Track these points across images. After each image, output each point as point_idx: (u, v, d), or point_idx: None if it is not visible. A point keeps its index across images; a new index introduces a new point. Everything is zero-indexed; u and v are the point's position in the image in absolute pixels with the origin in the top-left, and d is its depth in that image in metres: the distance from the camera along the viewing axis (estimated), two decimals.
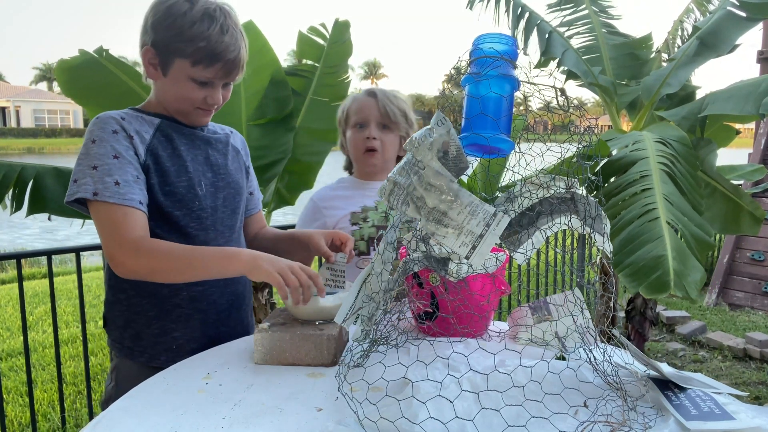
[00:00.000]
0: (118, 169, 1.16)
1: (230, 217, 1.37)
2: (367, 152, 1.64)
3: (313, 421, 0.87)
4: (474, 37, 0.99)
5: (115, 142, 1.18)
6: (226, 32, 1.21)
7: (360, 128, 1.64)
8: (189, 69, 1.21)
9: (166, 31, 1.20)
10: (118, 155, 1.17)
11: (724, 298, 5.23)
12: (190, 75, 1.22)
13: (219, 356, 1.15)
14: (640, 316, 3.48)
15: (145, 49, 1.23)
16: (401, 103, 1.66)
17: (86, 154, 1.18)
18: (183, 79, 1.22)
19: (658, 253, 1.89)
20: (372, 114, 1.63)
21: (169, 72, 1.23)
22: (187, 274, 1.17)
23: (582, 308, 1.02)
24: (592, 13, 3.56)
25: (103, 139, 1.18)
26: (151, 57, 1.23)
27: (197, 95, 1.25)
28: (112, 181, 1.15)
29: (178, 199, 1.25)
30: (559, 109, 0.95)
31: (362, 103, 1.65)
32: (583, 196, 0.94)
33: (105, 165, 1.16)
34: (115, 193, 1.15)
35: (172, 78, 1.23)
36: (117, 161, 1.17)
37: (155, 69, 1.25)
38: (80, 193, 1.15)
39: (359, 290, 0.99)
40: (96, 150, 1.17)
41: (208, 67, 1.21)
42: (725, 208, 2.80)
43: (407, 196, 0.87)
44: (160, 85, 1.27)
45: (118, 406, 0.94)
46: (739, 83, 2.71)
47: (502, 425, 0.80)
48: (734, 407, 0.86)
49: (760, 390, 3.43)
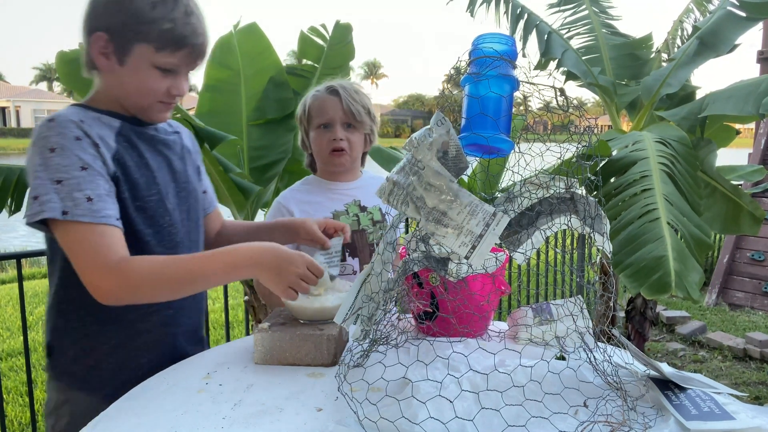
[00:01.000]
0: (89, 183, 1.01)
1: (195, 231, 1.26)
2: (334, 152, 1.59)
3: (313, 421, 0.87)
4: (474, 36, 0.99)
5: (80, 151, 1.02)
6: (191, 14, 1.09)
7: (325, 128, 1.59)
8: (152, 55, 1.07)
9: (123, 14, 1.06)
10: (86, 166, 1.02)
11: (724, 298, 5.23)
12: (153, 62, 1.08)
13: (219, 356, 1.15)
14: (640, 316, 3.48)
15: (96, 35, 1.07)
16: (364, 99, 1.60)
17: (45, 166, 1.00)
18: (145, 67, 1.09)
19: (658, 254, 1.89)
20: (336, 114, 1.57)
21: (128, 60, 1.08)
22: (186, 292, 1.08)
23: (582, 309, 1.02)
24: (592, 14, 3.56)
25: (64, 147, 1.01)
26: (103, 44, 1.08)
27: (160, 85, 1.11)
28: (82, 196, 1.00)
29: (150, 215, 1.13)
30: (559, 109, 0.95)
31: (325, 102, 1.59)
32: (583, 196, 0.94)
33: (72, 178, 1.00)
34: (88, 210, 0.99)
35: (132, 67, 1.09)
36: (85, 173, 1.01)
37: (107, 58, 1.09)
38: (46, 212, 0.98)
39: (359, 290, 0.99)
40: (58, 160, 1.00)
41: (175, 53, 1.09)
42: (725, 208, 2.80)
43: (407, 196, 0.87)
44: (114, 78, 1.11)
45: (118, 406, 0.94)
46: (739, 83, 2.71)
47: (502, 425, 0.80)
48: (734, 407, 0.86)
49: (760, 390, 3.43)
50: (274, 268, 1.05)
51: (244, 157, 3.30)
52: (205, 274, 1.05)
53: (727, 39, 2.86)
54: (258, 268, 1.06)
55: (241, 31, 3.42)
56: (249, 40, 3.40)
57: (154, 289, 1.03)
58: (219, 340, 4.09)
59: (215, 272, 1.05)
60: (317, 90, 1.63)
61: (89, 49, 1.10)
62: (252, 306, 3.08)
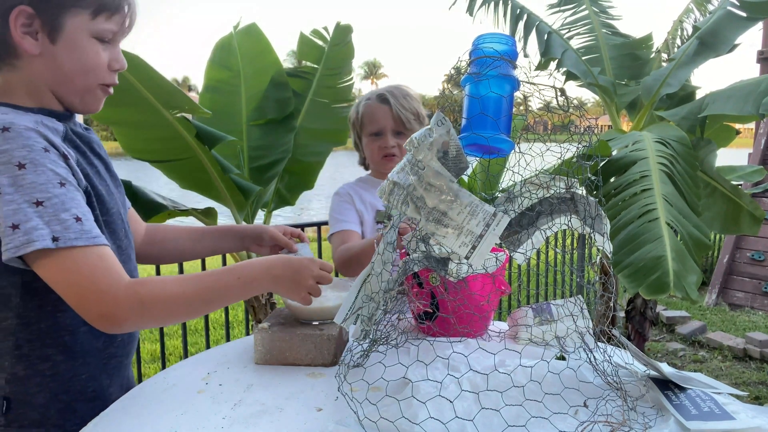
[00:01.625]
0: (71, 200, 0.87)
1: (131, 238, 1.13)
2: (385, 158, 1.67)
3: (313, 421, 0.87)
4: (474, 36, 1.00)
5: (52, 164, 0.87)
6: None
7: (376, 137, 1.67)
8: (89, 23, 0.93)
9: None
10: (64, 182, 0.88)
11: (724, 298, 5.23)
12: (91, 31, 0.94)
13: (219, 356, 1.15)
14: (640, 316, 3.48)
15: (17, 11, 0.89)
16: (413, 104, 1.67)
17: (16, 186, 0.84)
18: (83, 39, 0.94)
19: (657, 254, 1.89)
20: (387, 123, 1.64)
21: (61, 36, 0.92)
22: (201, 311, 1.00)
23: (582, 309, 1.02)
24: (592, 14, 3.56)
25: (35, 161, 0.85)
26: (27, 21, 0.91)
27: (102, 59, 0.97)
28: (70, 217, 0.86)
29: (113, 229, 1.01)
30: (559, 109, 0.95)
31: (376, 110, 1.66)
32: (583, 196, 0.94)
33: (53, 197, 0.85)
34: (80, 232, 0.86)
35: (68, 43, 0.93)
36: (65, 190, 0.87)
37: (35, 38, 0.92)
38: (37, 242, 0.82)
39: (359, 290, 0.99)
40: (32, 178, 0.85)
41: (114, 15, 0.95)
42: (725, 208, 2.80)
43: (407, 196, 0.87)
44: (45, 62, 0.94)
45: (118, 406, 0.94)
46: (739, 83, 2.71)
47: (502, 425, 0.80)
48: (734, 407, 0.86)
49: (760, 390, 3.43)
50: (290, 277, 1.02)
51: (244, 157, 3.30)
52: (221, 290, 0.97)
53: (727, 39, 2.86)
54: (274, 280, 1.02)
55: (241, 32, 3.42)
56: (249, 41, 3.41)
57: (171, 311, 0.94)
58: (219, 340, 4.09)
59: (232, 287, 0.97)
60: (368, 97, 1.70)
61: (7, 32, 0.91)
62: (252, 306, 3.08)
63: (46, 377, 0.98)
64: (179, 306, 0.93)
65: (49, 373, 0.98)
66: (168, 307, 0.92)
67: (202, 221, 3.00)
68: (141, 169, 3.15)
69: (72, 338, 0.98)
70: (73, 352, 0.99)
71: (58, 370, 0.98)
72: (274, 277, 1.01)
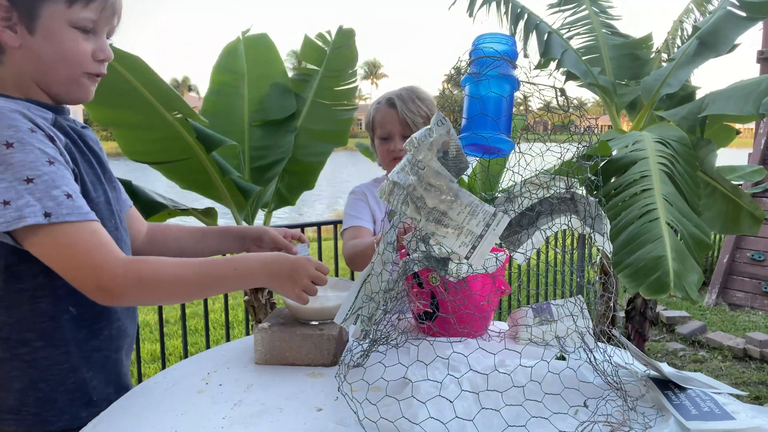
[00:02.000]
0: (61, 178, 0.89)
1: (126, 235, 1.13)
2: (394, 161, 1.68)
3: (313, 421, 0.87)
4: (474, 36, 1.00)
5: (39, 143, 0.89)
6: None
7: (385, 141, 1.68)
8: (65, 12, 0.94)
9: None
10: (53, 160, 0.90)
11: (724, 298, 5.23)
12: (69, 20, 0.94)
13: (219, 356, 1.15)
14: (640, 316, 3.48)
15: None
16: (421, 108, 1.67)
17: (5, 164, 0.86)
18: (61, 28, 0.94)
19: (657, 254, 1.89)
20: (394, 127, 1.65)
21: (38, 26, 0.93)
22: (195, 295, 1.01)
23: (582, 309, 1.02)
24: (592, 14, 3.56)
25: (23, 140, 0.87)
26: (5, 14, 0.92)
27: (84, 48, 0.97)
28: (61, 193, 0.88)
29: (100, 217, 0.99)
30: (559, 109, 0.95)
31: (384, 114, 1.67)
32: (583, 196, 0.94)
33: (43, 174, 0.87)
34: (72, 208, 0.88)
35: (46, 32, 0.94)
36: (54, 168, 0.89)
37: (13, 30, 0.93)
38: (29, 218, 0.85)
39: (359, 290, 0.99)
40: (20, 156, 0.86)
41: (90, 3, 0.95)
42: (725, 208, 2.80)
43: (407, 196, 0.87)
44: (26, 54, 0.95)
45: (118, 406, 0.94)
46: (739, 83, 2.71)
47: (502, 425, 0.80)
48: (734, 407, 0.86)
49: (760, 390, 3.43)
50: (286, 274, 1.03)
51: (245, 158, 3.31)
52: (218, 279, 0.99)
53: (727, 39, 2.86)
54: (270, 275, 1.03)
55: (250, 40, 3.47)
56: (257, 49, 3.46)
57: (167, 292, 0.96)
58: (219, 340, 4.09)
59: (228, 277, 0.99)
60: (379, 101, 1.72)
61: None
62: (252, 306, 3.08)
63: (25, 362, 0.98)
64: (176, 288, 0.95)
65: (28, 358, 0.98)
66: (165, 287, 0.94)
67: (202, 221, 3.01)
68: (141, 169, 3.14)
69: (52, 325, 0.98)
70: (53, 339, 0.99)
71: (37, 357, 0.98)
72: (270, 273, 1.03)
